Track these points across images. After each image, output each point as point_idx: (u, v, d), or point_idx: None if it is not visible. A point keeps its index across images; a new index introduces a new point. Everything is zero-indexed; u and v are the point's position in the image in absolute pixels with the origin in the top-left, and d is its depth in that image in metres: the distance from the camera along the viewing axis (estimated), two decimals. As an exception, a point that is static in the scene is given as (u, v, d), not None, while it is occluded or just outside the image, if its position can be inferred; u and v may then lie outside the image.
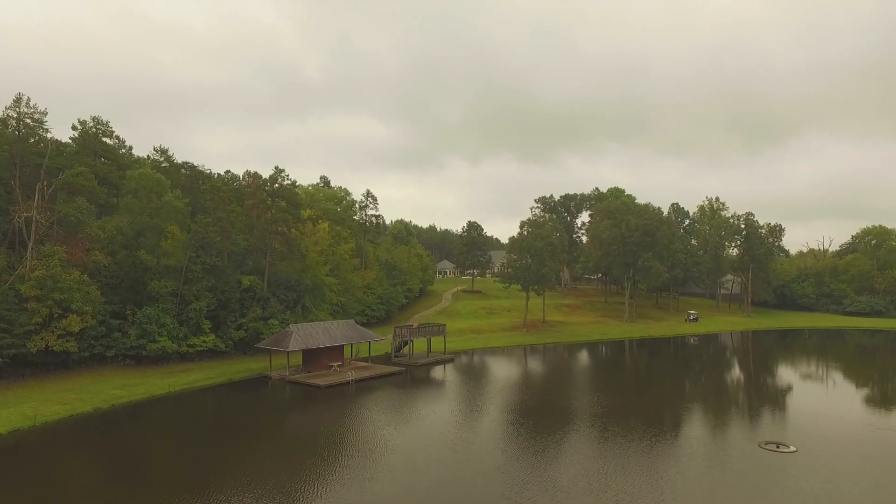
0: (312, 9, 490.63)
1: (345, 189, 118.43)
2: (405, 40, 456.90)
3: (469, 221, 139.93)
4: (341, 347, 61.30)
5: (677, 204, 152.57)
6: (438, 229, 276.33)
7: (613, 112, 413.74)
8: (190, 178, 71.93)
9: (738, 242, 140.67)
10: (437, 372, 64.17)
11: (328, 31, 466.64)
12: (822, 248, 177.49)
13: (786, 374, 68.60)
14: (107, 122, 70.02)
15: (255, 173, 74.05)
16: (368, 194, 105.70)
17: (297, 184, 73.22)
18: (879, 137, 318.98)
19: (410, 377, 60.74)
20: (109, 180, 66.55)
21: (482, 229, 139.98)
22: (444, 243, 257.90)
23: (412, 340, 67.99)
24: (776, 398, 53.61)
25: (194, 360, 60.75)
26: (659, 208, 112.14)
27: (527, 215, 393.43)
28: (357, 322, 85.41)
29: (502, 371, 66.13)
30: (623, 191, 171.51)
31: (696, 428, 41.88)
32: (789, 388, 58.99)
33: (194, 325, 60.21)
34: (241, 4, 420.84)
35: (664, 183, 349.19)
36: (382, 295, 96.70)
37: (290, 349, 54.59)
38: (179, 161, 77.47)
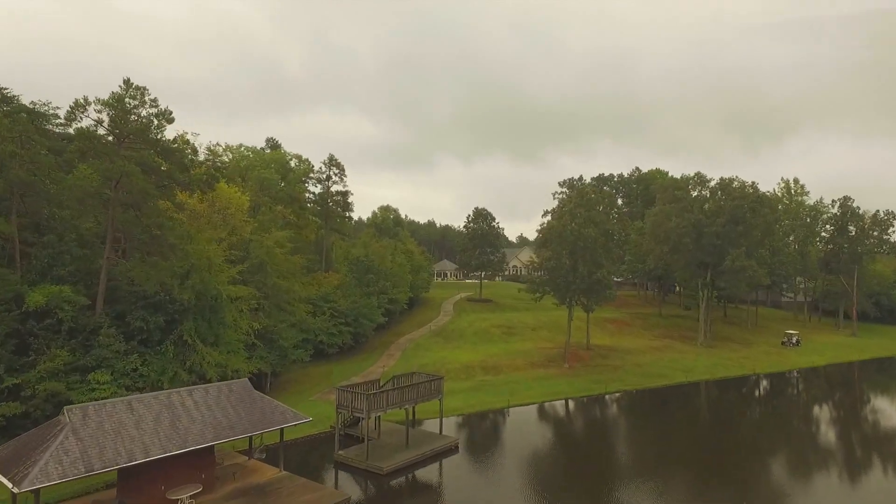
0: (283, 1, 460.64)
1: (306, 159, 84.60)
2: (384, 36, 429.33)
3: (476, 208, 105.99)
4: (210, 449, 27.54)
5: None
6: (438, 225, 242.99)
7: (606, 109, 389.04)
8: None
9: (828, 235, 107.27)
10: (425, 494, 30.60)
11: (302, 24, 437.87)
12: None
13: None
14: None
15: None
16: (332, 161, 72.02)
17: (170, 113, 39.51)
18: (879, 135, 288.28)
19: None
20: None
21: (493, 218, 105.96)
22: (445, 240, 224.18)
23: (377, 416, 34.27)
24: None
25: None
26: (753, 182, 77.98)
27: (526, 216, 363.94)
28: (303, 356, 51.76)
29: (556, 482, 32.47)
30: (666, 173, 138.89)
31: None
32: None
33: None
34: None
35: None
36: (348, 311, 63.02)
37: (23, 488, 20.66)
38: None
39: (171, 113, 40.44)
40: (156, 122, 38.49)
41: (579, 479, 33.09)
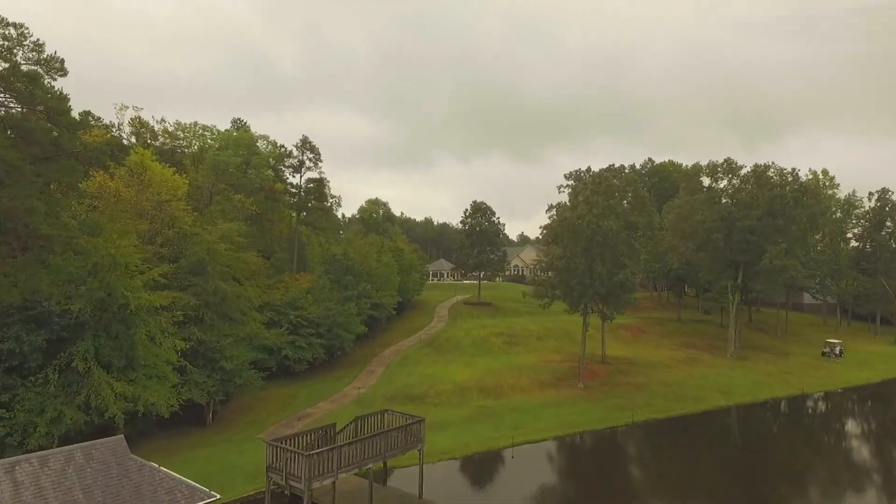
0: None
1: (280, 144, 74.11)
2: (382, 33, 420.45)
3: (474, 202, 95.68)
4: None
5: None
6: (436, 222, 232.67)
7: (605, 108, 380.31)
8: None
9: (861, 231, 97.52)
10: None
11: (295, 20, 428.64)
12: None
13: None
14: None
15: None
16: (305, 144, 61.72)
17: (60, 61, 29.40)
18: (878, 134, 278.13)
19: None
20: None
21: (493, 213, 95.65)
22: (443, 238, 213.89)
23: (333, 481, 23.99)
24: None
25: None
26: (794, 169, 67.82)
27: (525, 216, 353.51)
28: (254, 379, 41.46)
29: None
30: (680, 165, 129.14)
31: None
32: None
33: None
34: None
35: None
36: (320, 319, 52.69)
37: None
38: None
39: (61, 61, 30.24)
40: (29, 68, 28.17)
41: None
